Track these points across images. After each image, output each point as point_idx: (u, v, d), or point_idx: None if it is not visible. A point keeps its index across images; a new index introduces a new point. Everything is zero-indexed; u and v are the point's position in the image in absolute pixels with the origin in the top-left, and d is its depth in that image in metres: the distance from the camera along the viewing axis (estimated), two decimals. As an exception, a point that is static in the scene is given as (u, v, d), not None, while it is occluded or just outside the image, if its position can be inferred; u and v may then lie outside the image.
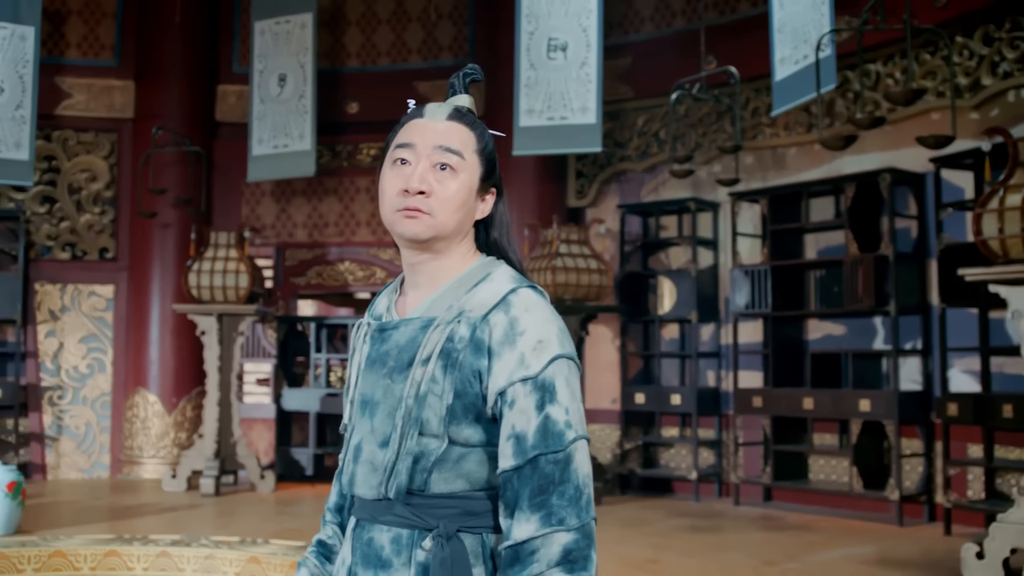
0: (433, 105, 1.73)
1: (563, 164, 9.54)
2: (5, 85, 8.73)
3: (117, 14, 10.28)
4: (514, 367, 1.57)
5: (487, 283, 1.66)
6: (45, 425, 9.88)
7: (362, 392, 1.69)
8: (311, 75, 9.02)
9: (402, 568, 1.61)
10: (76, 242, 10.16)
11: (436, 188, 1.65)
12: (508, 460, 1.56)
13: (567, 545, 1.53)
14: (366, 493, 1.65)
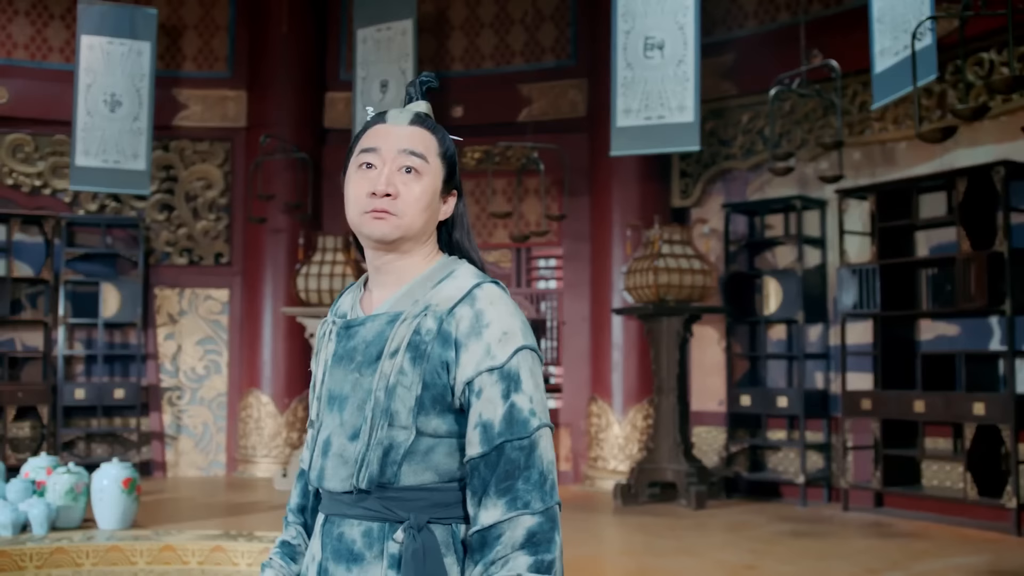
0: (395, 111, 1.77)
1: (667, 164, 9.43)
2: (123, 99, 9.11)
3: (230, 27, 10.60)
4: (481, 357, 1.62)
5: (451, 279, 1.71)
6: (165, 424, 10.25)
7: (329, 388, 1.73)
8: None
9: (374, 561, 1.65)
10: (193, 248, 10.52)
11: (402, 190, 1.70)
12: (475, 448, 1.62)
13: (531, 528, 1.58)
14: (336, 486, 1.69)
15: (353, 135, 8.21)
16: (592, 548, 6.68)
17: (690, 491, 8.14)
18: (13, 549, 6.26)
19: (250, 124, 10.42)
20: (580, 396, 9.78)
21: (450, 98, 10.32)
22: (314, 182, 10.30)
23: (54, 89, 9.66)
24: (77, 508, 6.86)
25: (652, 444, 8.56)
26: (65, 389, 9.81)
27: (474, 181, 10.26)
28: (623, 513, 8.06)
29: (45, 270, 9.86)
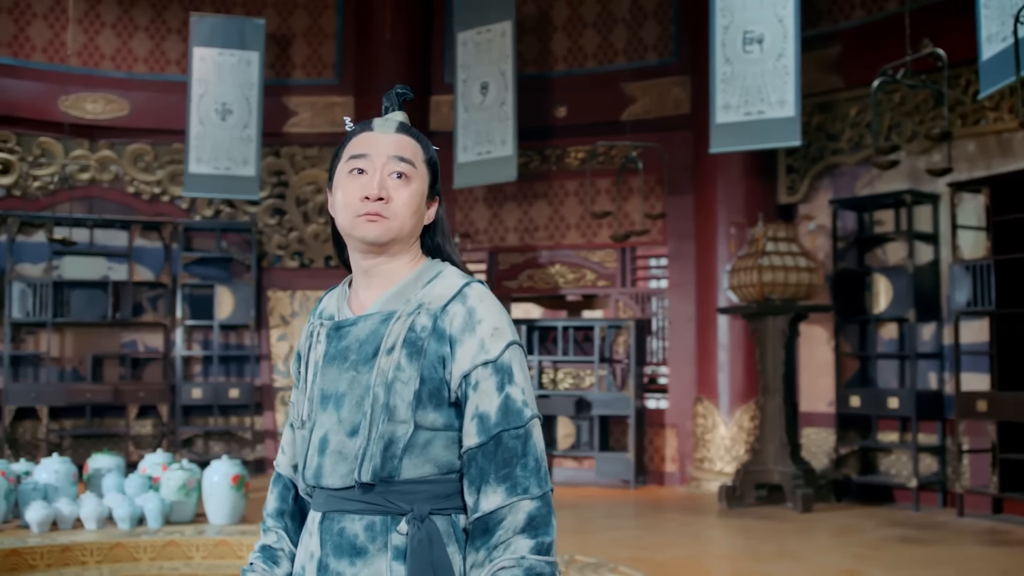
0: (380, 120, 1.83)
1: (772, 160, 9.25)
2: (234, 107, 9.39)
3: (337, 34, 10.83)
4: (475, 352, 1.70)
5: (440, 279, 1.78)
6: (278, 423, 10.53)
7: (322, 388, 1.77)
8: (511, 82, 9.18)
9: (378, 553, 1.69)
10: (304, 251, 10.78)
11: (393, 195, 1.75)
12: (472, 438, 1.68)
13: (531, 512, 1.65)
14: (334, 483, 1.72)
15: (453, 137, 8.21)
16: (691, 550, 6.60)
17: (797, 494, 7.96)
18: (129, 541, 6.53)
19: (358, 129, 10.60)
20: (686, 397, 9.67)
21: (553, 98, 10.33)
22: (420, 185, 10.42)
23: (171, 100, 10.02)
24: (189, 503, 7.11)
25: (758, 445, 8.41)
26: (183, 389, 10.17)
27: (577, 181, 10.24)
28: (727, 515, 7.94)
29: (164, 274, 10.24)
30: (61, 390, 9.71)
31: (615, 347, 10.04)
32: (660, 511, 8.32)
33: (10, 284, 9.71)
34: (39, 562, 6.32)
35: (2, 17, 9.96)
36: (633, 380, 9.58)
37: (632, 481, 9.45)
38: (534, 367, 10.09)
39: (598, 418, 9.71)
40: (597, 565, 5.83)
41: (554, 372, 10.38)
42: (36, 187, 10.06)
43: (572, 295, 10.70)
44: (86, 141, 10.25)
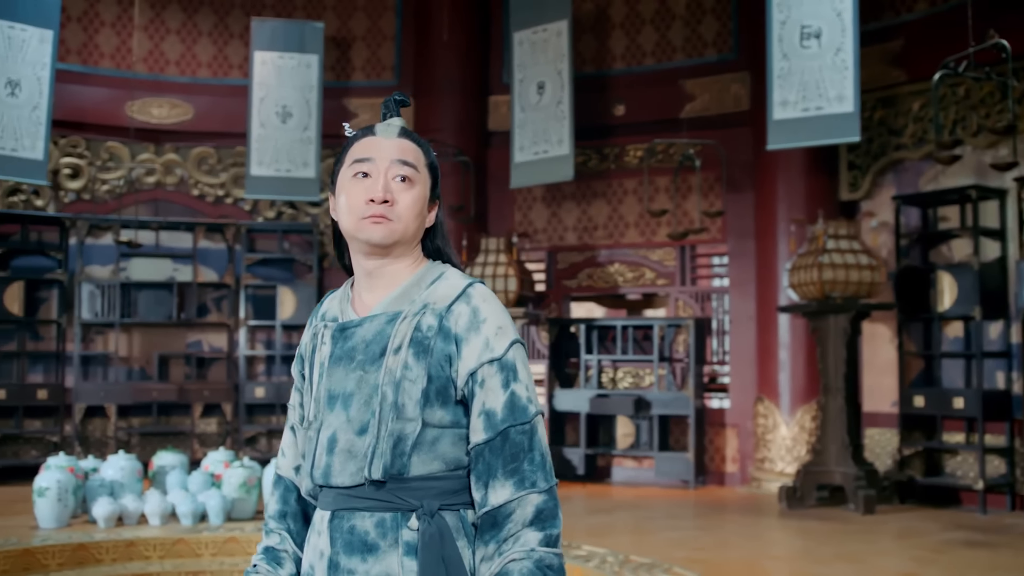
0: (382, 125, 1.86)
1: (834, 156, 9.10)
2: (294, 110, 9.51)
3: (396, 36, 10.92)
4: (481, 350, 1.73)
5: (443, 280, 1.81)
6: (340, 422, 10.63)
7: (329, 388, 1.79)
8: (568, 81, 9.16)
9: (389, 550, 1.72)
10: (365, 251, 10.86)
11: (398, 198, 1.79)
12: (479, 434, 1.72)
13: (539, 505, 1.70)
14: (344, 481, 1.75)
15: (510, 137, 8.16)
16: (748, 551, 6.53)
17: (858, 495, 7.83)
18: (191, 537, 6.66)
19: (417, 130, 10.65)
20: (747, 396, 9.57)
21: (611, 96, 10.29)
22: (478, 185, 10.48)
23: (233, 104, 10.18)
24: (250, 500, 7.23)
25: (819, 446, 8.28)
26: (247, 387, 10.33)
27: (636, 179, 10.18)
28: (788, 517, 7.84)
29: (227, 275, 10.41)
30: (128, 389, 9.93)
31: (675, 346, 9.97)
32: (719, 512, 8.24)
33: (80, 286, 9.95)
34: (105, 556, 6.48)
35: (72, 26, 10.21)
36: (693, 379, 9.51)
37: (692, 481, 9.38)
38: (593, 366, 10.06)
39: (657, 418, 9.65)
40: (651, 565, 5.81)
41: (614, 371, 10.34)
42: (104, 191, 10.29)
43: (631, 294, 10.65)
44: (152, 145, 10.46)
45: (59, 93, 9.63)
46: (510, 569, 1.67)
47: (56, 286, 9.96)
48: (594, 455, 9.99)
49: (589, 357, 10.04)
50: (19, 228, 9.85)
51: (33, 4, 8.70)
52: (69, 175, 10.17)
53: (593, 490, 9.36)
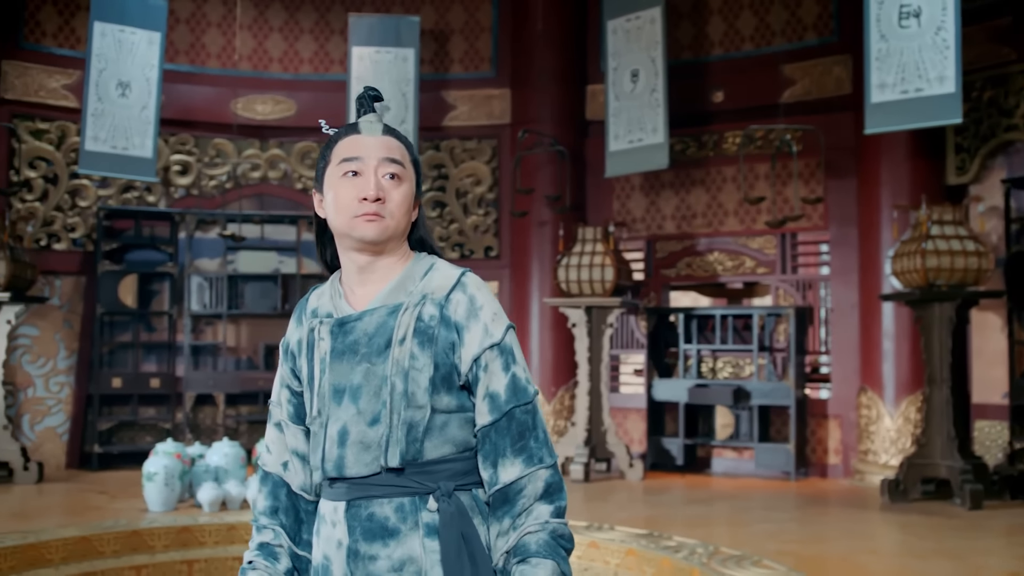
0: (365, 123, 1.90)
1: (940, 139, 8.80)
2: (391, 103, 9.64)
3: (493, 28, 10.97)
4: (482, 336, 1.82)
5: (435, 271, 1.88)
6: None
7: (333, 382, 1.84)
8: (662, 68, 9.06)
9: (411, 532, 1.78)
10: (464, 242, 10.98)
11: (388, 195, 1.84)
12: (485, 416, 1.81)
13: (547, 480, 1.80)
14: (359, 471, 1.81)
15: (604, 126, 8.10)
16: (843, 545, 6.39)
17: (964, 489, 7.58)
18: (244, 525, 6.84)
19: (515, 121, 10.73)
20: (849, 387, 9.34)
21: (710, 83, 10.16)
22: (577, 174, 10.46)
23: (335, 99, 10.36)
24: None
25: (924, 438, 8.04)
26: (349, 377, 10.52)
27: (735, 167, 10.02)
28: (889, 511, 7.63)
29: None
30: (236, 378, 10.25)
31: (775, 335, 9.80)
32: (818, 504, 8.08)
33: (189, 278, 10.30)
34: (207, 539, 6.71)
35: (180, 27, 10.56)
36: (793, 369, 9.33)
37: (793, 473, 9.21)
38: (692, 356, 9.96)
39: (757, 408, 9.51)
40: (740, 558, 5.73)
41: (713, 361, 10.22)
42: (212, 186, 10.62)
43: (731, 283, 10.50)
44: (256, 141, 10.75)
45: (168, 92, 9.99)
46: (527, 541, 1.76)
47: (167, 279, 10.34)
48: (693, 445, 9.90)
49: (688, 347, 9.94)
50: (132, 223, 10.25)
51: (141, 8, 9.03)
52: (179, 171, 10.52)
53: (692, 481, 9.28)
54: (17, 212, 9.75)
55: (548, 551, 1.75)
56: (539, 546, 1.76)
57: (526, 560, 1.75)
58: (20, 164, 9.82)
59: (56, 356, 9.87)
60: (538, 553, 1.75)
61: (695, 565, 5.60)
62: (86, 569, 6.16)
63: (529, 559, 1.75)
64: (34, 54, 9.89)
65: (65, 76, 9.88)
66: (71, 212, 10.05)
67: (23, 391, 9.71)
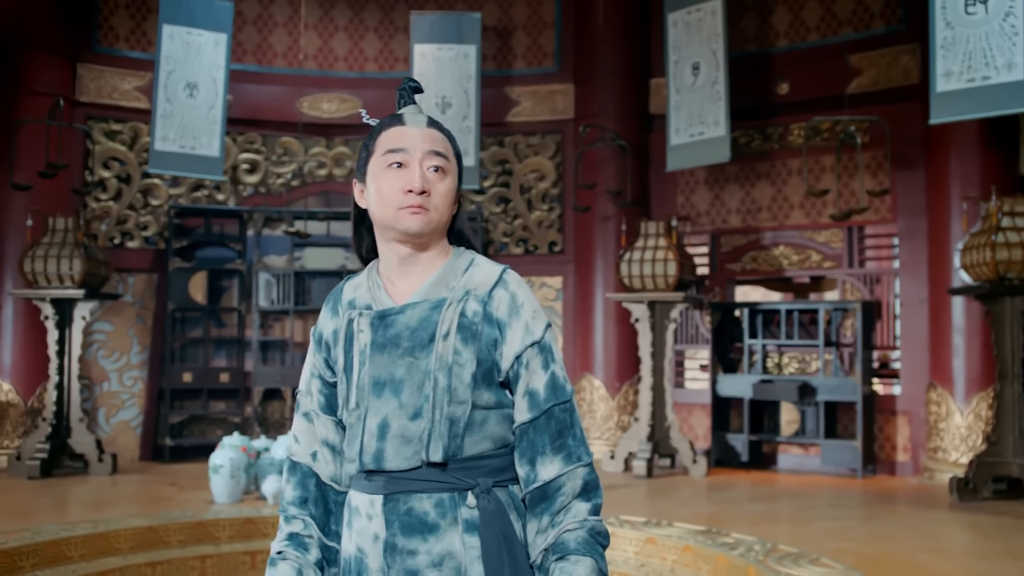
0: (409, 114, 1.89)
1: (1011, 128, 8.57)
2: (453, 100, 9.71)
3: (556, 23, 10.96)
4: (523, 334, 1.83)
5: (476, 267, 1.88)
6: (505, 406, 10.80)
7: (373, 375, 1.83)
8: (723, 61, 8.95)
9: (450, 528, 1.78)
10: (528, 237, 11.00)
11: (433, 188, 1.82)
12: (524, 414, 1.82)
13: (585, 478, 1.82)
14: (399, 465, 1.80)
15: (666, 120, 7.96)
16: (906, 544, 6.27)
17: (1036, 488, 7.39)
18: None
19: (578, 116, 10.71)
20: (918, 383, 9.15)
21: (775, 75, 10.02)
22: (641, 169, 10.41)
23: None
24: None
25: (995, 436, 7.85)
26: (415, 372, 10.62)
27: (800, 159, 9.87)
28: (958, 510, 7.47)
29: (395, 263, 10.73)
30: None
31: (842, 330, 9.64)
32: (884, 502, 7.93)
33: (257, 275, 10.49)
34: (270, 531, 6.83)
35: (248, 28, 10.75)
36: (860, 365, 9.17)
37: (860, 470, 9.05)
38: (757, 351, 9.85)
39: (823, 404, 9.37)
40: (798, 556, 5.67)
41: (779, 356, 10.09)
42: (279, 184, 10.79)
43: (797, 277, 10.35)
44: (322, 139, 10.90)
45: (236, 92, 10.18)
46: (566, 539, 1.78)
47: (236, 275, 10.54)
48: (758, 442, 9.79)
49: (753, 342, 9.83)
50: (202, 221, 10.46)
51: (208, 10, 9.22)
52: (247, 170, 10.72)
53: (757, 477, 9.18)
54: (92, 211, 10.03)
55: (587, 548, 1.77)
56: (578, 543, 1.77)
57: (565, 557, 1.76)
58: (94, 164, 10.10)
59: (129, 351, 10.13)
60: (577, 550, 1.76)
61: (751, 563, 5.55)
62: (153, 558, 6.33)
63: (568, 556, 1.76)
64: (107, 57, 10.16)
65: (137, 78, 10.13)
66: (143, 211, 10.31)
67: (98, 385, 9.99)
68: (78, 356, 9.03)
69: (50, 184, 9.15)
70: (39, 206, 9.10)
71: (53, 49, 9.64)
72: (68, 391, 8.93)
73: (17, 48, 9.45)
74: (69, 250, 8.73)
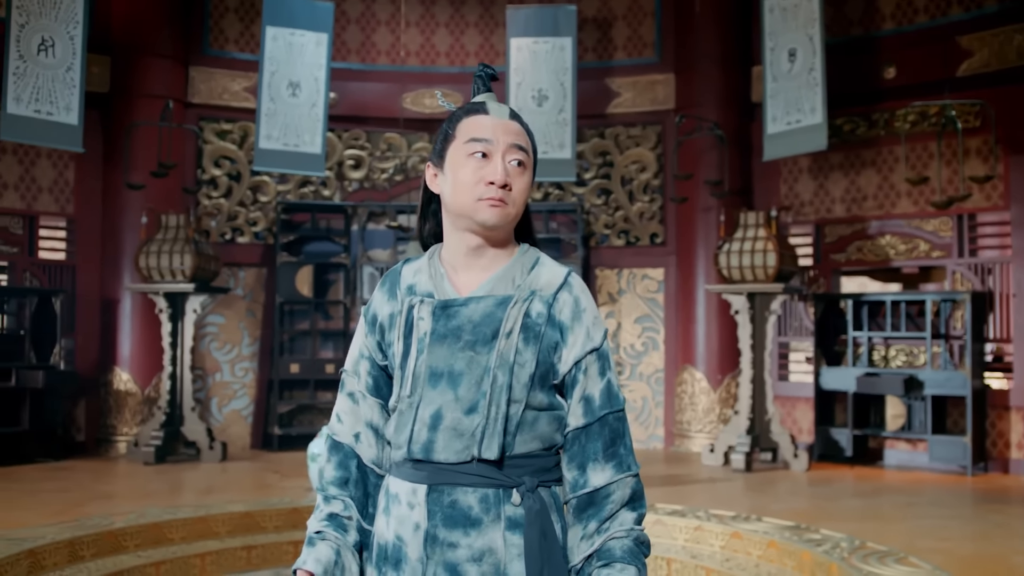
0: (493, 104, 1.87)
1: None
2: (549, 93, 9.74)
3: (656, 13, 10.87)
4: (584, 340, 1.84)
5: (542, 267, 1.89)
6: (607, 398, 10.79)
7: (431, 365, 1.82)
8: (819, 47, 8.72)
9: (492, 524, 1.79)
10: (629, 229, 10.95)
11: (514, 182, 1.84)
12: (578, 419, 1.84)
13: (634, 487, 1.84)
14: (448, 458, 1.79)
15: (762, 108, 7.78)
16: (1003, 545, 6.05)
17: None
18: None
19: (679, 106, 10.61)
20: (1033, 376, 8.79)
21: (881, 59, 9.72)
22: (743, 158, 10.26)
23: (499, 90, 10.42)
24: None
25: (1111, 432, 7.49)
26: (515, 364, 10.70)
27: (908, 145, 9.57)
28: (1067, 508, 7.16)
29: (496, 255, 10.83)
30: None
31: (951, 322, 9.31)
32: (991, 501, 7.65)
33: (361, 269, 10.73)
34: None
35: (351, 27, 10.99)
36: (970, 358, 8.84)
37: (969, 467, 8.74)
38: (863, 343, 9.60)
39: (931, 398, 9.07)
40: (885, 554, 5.54)
41: (885, 349, 9.80)
42: (383, 179, 11.01)
43: (904, 267, 10.04)
44: (425, 134, 11.06)
45: (341, 90, 10.43)
46: (612, 546, 1.79)
47: (342, 269, 10.81)
48: (863, 436, 9.55)
49: (857, 334, 9.58)
50: (309, 217, 10.75)
51: (309, 11, 9.46)
52: (352, 166, 10.97)
53: (862, 473, 8.96)
54: (204, 208, 10.42)
55: (632, 558, 1.79)
56: (624, 552, 1.79)
57: (610, 564, 1.78)
58: (206, 163, 10.49)
59: (240, 343, 10.50)
60: (623, 559, 1.78)
61: (834, 560, 5.45)
62: (248, 542, 6.56)
63: (614, 563, 1.78)
64: (218, 60, 10.54)
65: (246, 79, 10.47)
66: (253, 207, 10.66)
67: (211, 376, 10.39)
68: (190, 347, 9.40)
69: (164, 183, 9.57)
70: (153, 204, 9.52)
71: (167, 54, 10.05)
72: (181, 381, 9.32)
73: (134, 54, 9.88)
74: (180, 246, 9.09)
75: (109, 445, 9.71)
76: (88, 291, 9.95)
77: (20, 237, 9.64)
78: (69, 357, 9.75)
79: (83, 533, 5.92)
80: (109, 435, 9.76)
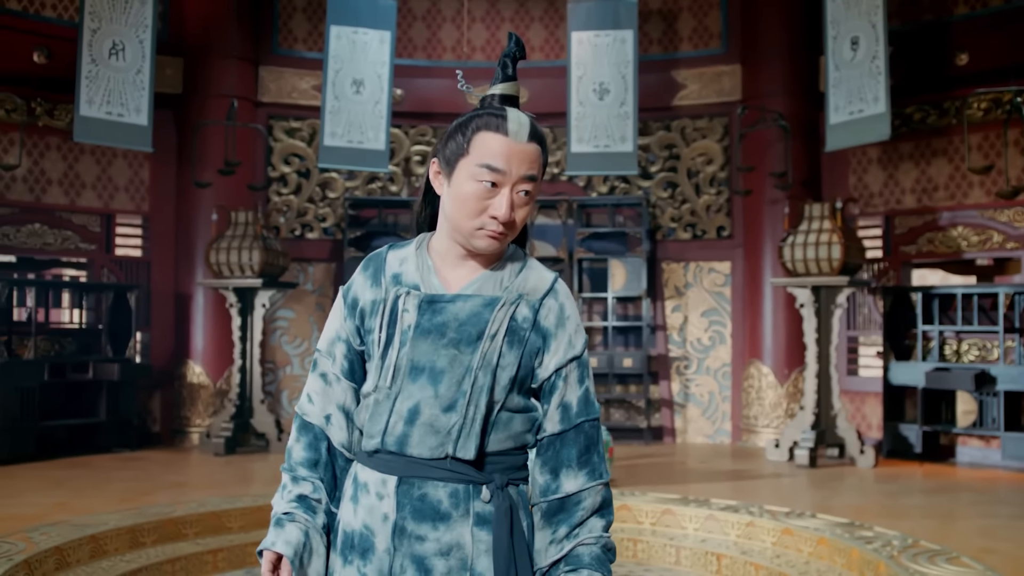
0: (513, 121, 1.82)
1: None
2: (611, 86, 9.72)
3: (722, 3, 10.76)
4: (566, 347, 1.88)
5: (530, 271, 1.92)
6: (673, 392, 10.76)
7: (412, 359, 1.82)
8: (882, 34, 8.51)
9: (461, 519, 1.81)
10: (696, 222, 10.87)
11: (517, 214, 1.85)
12: (555, 425, 1.87)
13: (604, 495, 1.87)
14: (422, 453, 1.81)
15: (825, 98, 7.56)
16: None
17: None
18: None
19: (745, 97, 10.49)
20: (1111, 372, 8.48)
21: (952, 45, 9.47)
22: (810, 149, 10.10)
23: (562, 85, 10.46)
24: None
25: None
26: (580, 358, 10.71)
27: (981, 134, 9.31)
28: None
29: (561, 249, 10.85)
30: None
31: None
32: (1060, 500, 7.43)
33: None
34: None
35: (417, 24, 11.11)
36: (1044, 353, 8.59)
37: (1043, 465, 8.50)
38: (933, 337, 9.37)
39: (1004, 394, 8.82)
40: (936, 553, 5.43)
41: (957, 343, 9.55)
42: (449, 175, 11.09)
43: (978, 259, 9.77)
44: (490, 130, 11.10)
45: (407, 86, 10.56)
46: (580, 552, 1.83)
47: (408, 264, 10.91)
48: (933, 433, 9.33)
49: (928, 328, 9.36)
50: (376, 212, 10.91)
51: (372, 9, 9.60)
52: (419, 162, 11.09)
53: (931, 470, 8.76)
54: (275, 204, 10.65)
55: (599, 565, 1.82)
56: (592, 559, 1.82)
57: (578, 570, 1.81)
58: (276, 161, 10.71)
59: (310, 337, 10.71)
60: (590, 565, 1.81)
61: (882, 558, 5.37)
62: (304, 532, 6.70)
63: (581, 569, 1.81)
64: (286, 59, 10.75)
65: (314, 77, 10.65)
66: (322, 203, 10.86)
67: (282, 369, 10.62)
68: (259, 341, 9.62)
69: (233, 180, 9.81)
70: (224, 202, 9.77)
71: (237, 54, 10.29)
72: (250, 374, 9.55)
73: (205, 55, 10.15)
74: (249, 242, 9.31)
75: (183, 436, 10.01)
76: (162, 286, 10.26)
77: (98, 235, 10.00)
78: (144, 350, 10.08)
79: (144, 520, 6.13)
80: (183, 426, 10.06)
